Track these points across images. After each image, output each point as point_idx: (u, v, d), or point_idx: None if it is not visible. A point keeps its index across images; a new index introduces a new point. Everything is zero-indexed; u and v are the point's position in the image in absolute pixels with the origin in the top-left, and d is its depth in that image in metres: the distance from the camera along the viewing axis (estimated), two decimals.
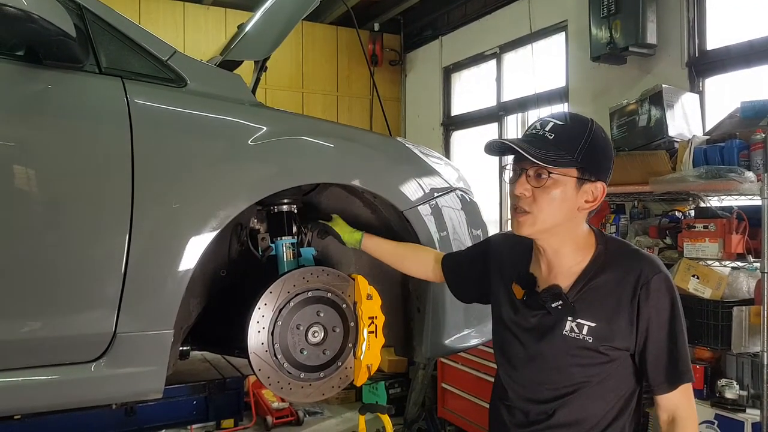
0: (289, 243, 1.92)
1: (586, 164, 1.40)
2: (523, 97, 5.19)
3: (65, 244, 1.51)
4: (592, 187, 1.42)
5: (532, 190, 1.41)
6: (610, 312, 1.41)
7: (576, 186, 1.41)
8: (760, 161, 2.83)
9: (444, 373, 4.62)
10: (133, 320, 1.56)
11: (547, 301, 1.45)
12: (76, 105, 1.56)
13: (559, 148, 1.38)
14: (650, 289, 1.40)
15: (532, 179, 1.41)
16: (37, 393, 1.53)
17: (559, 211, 1.41)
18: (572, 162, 1.39)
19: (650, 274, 1.40)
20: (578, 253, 1.47)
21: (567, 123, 1.43)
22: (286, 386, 1.81)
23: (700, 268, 2.98)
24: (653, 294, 1.40)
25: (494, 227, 5.41)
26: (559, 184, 1.39)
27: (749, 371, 2.96)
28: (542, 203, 1.40)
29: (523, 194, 1.41)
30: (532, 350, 1.49)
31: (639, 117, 3.50)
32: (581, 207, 1.43)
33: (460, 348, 2.13)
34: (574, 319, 1.43)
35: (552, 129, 1.41)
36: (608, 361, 1.43)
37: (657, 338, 1.41)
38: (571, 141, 1.40)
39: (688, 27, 3.79)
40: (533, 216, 1.41)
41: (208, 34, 5.79)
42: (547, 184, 1.39)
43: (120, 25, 1.66)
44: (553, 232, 1.45)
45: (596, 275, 1.44)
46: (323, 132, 1.91)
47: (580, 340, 1.42)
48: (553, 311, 1.45)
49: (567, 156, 1.38)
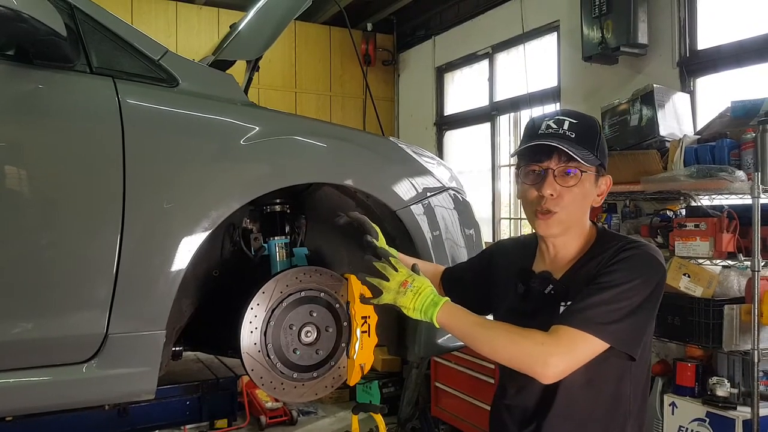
0: (282, 243, 1.92)
1: (602, 159, 1.46)
2: (516, 97, 5.20)
3: (56, 245, 1.51)
4: (604, 181, 1.49)
5: (560, 189, 1.42)
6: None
7: (594, 181, 1.46)
8: (751, 160, 2.85)
9: (437, 372, 4.63)
10: (124, 321, 1.55)
11: (539, 287, 1.47)
12: (66, 105, 1.55)
13: (583, 146, 1.41)
14: (623, 251, 1.39)
15: (559, 178, 1.42)
16: (29, 394, 1.53)
17: (581, 207, 1.47)
18: (595, 159, 1.43)
19: (624, 245, 1.41)
20: (583, 244, 1.50)
21: (581, 121, 1.46)
22: (279, 386, 1.81)
23: (691, 266, 3.00)
24: (612, 255, 1.39)
25: (487, 226, 5.42)
26: (584, 181, 1.43)
27: (740, 369, 2.98)
28: (569, 201, 1.43)
29: (550, 194, 1.42)
30: None
31: (630, 116, 3.52)
32: (594, 201, 1.48)
33: (453, 347, 2.13)
34: (566, 303, 1.43)
35: (570, 128, 1.43)
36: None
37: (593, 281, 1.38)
38: (590, 138, 1.44)
39: (679, 27, 3.81)
40: (560, 215, 1.43)
41: (201, 33, 5.78)
42: (570, 183, 1.42)
43: (111, 25, 1.65)
44: (572, 228, 1.48)
45: (589, 260, 1.46)
46: (316, 132, 1.91)
47: None
48: (546, 298, 1.46)
49: (590, 153, 1.42)
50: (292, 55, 6.25)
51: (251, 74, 2.17)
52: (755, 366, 2.74)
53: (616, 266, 1.38)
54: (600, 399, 1.44)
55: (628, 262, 1.38)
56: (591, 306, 1.35)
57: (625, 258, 1.39)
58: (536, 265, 1.57)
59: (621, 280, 1.36)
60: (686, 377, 3.05)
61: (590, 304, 1.35)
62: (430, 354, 2.16)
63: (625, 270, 1.37)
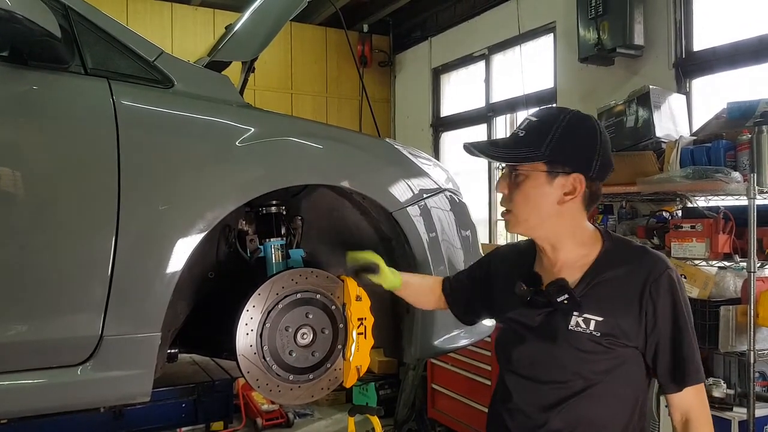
0: (278, 244, 1.92)
1: (555, 156, 1.40)
2: (512, 98, 5.20)
3: (51, 247, 1.50)
4: (569, 180, 1.41)
5: (509, 188, 1.45)
6: (618, 307, 1.39)
7: (548, 180, 1.41)
8: (746, 161, 2.85)
9: (434, 374, 4.62)
10: (119, 323, 1.54)
11: (553, 295, 1.41)
12: (61, 106, 1.54)
13: (527, 145, 1.41)
14: (659, 286, 1.38)
15: (513, 178, 1.44)
16: (24, 397, 1.52)
17: (537, 207, 1.43)
18: (538, 156, 1.40)
19: (660, 271, 1.39)
20: (581, 248, 1.46)
21: (540, 118, 1.45)
22: (275, 388, 1.80)
23: (687, 267, 3.00)
24: (662, 291, 1.38)
25: (483, 228, 5.43)
26: (529, 179, 1.42)
27: (736, 370, 2.99)
28: (517, 200, 1.44)
29: (503, 192, 1.46)
30: (538, 348, 1.46)
31: (626, 118, 3.52)
32: (561, 200, 1.41)
33: (449, 348, 2.13)
34: (581, 314, 1.40)
35: (525, 126, 1.45)
36: (615, 358, 1.39)
37: (663, 336, 1.38)
38: (539, 135, 1.41)
39: (675, 28, 3.82)
40: (514, 214, 1.45)
41: (196, 35, 5.76)
42: (518, 181, 1.43)
43: (106, 26, 1.65)
44: (544, 228, 1.46)
45: (605, 270, 1.43)
46: (312, 133, 1.90)
47: (586, 335, 1.38)
48: (559, 306, 1.41)
49: (532, 150, 1.40)
50: (287, 57, 6.24)
51: (247, 75, 2.17)
52: (751, 367, 2.74)
53: (673, 311, 1.39)
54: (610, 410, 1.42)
55: (679, 298, 1.40)
56: (690, 358, 1.40)
57: (675, 290, 1.40)
58: (537, 268, 1.54)
59: (685, 325, 1.40)
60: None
61: (689, 356, 1.40)
62: (426, 356, 2.15)
63: (682, 302, 1.40)
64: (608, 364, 1.39)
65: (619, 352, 1.39)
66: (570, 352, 1.40)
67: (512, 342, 1.52)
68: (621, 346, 1.39)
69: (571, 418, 1.41)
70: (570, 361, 1.41)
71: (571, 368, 1.41)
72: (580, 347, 1.39)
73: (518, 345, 1.50)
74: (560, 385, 1.42)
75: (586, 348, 1.39)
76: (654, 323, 1.38)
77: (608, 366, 1.39)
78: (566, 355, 1.41)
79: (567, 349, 1.41)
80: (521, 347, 1.49)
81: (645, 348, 1.40)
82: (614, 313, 1.39)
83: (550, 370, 1.44)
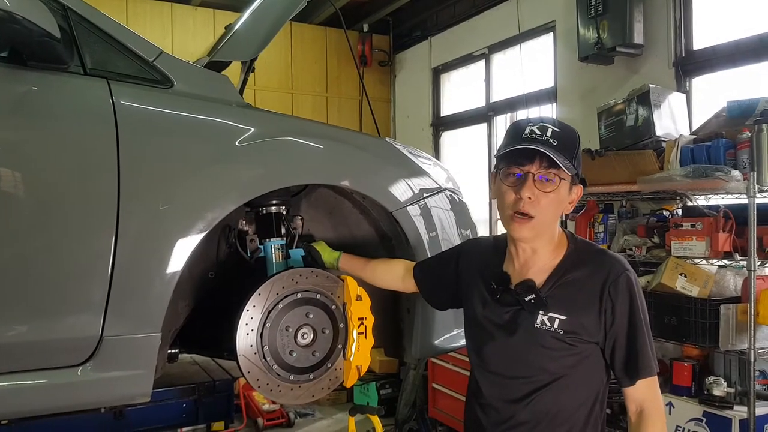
0: (278, 244, 1.92)
1: (578, 169, 1.50)
2: (512, 98, 5.20)
3: (51, 247, 1.50)
4: (575, 190, 1.52)
5: (538, 193, 1.45)
6: (580, 306, 1.48)
7: (568, 188, 1.50)
8: (746, 160, 2.85)
9: (435, 373, 4.62)
10: (120, 323, 1.54)
11: (521, 294, 1.50)
12: (60, 106, 1.54)
13: (563, 155, 1.44)
14: (617, 286, 1.47)
15: (538, 183, 1.45)
16: (24, 398, 1.52)
17: (555, 213, 1.50)
18: (572, 168, 1.46)
19: (618, 273, 1.48)
20: (553, 251, 1.54)
21: (563, 130, 1.48)
22: (275, 388, 1.80)
23: (687, 266, 3.00)
24: (620, 291, 1.47)
25: (483, 227, 5.42)
26: (561, 188, 1.47)
27: (737, 368, 2.99)
28: (545, 206, 1.46)
29: (528, 197, 1.45)
30: (506, 344, 1.53)
31: (626, 117, 3.52)
32: (566, 209, 1.53)
33: (450, 348, 2.13)
34: (546, 313, 1.48)
35: (553, 135, 1.46)
36: (577, 354, 1.48)
37: (620, 333, 1.48)
38: (570, 147, 1.47)
39: (674, 27, 3.82)
40: (536, 219, 1.47)
41: (196, 35, 5.76)
42: (552, 188, 1.45)
43: (105, 26, 1.65)
44: (547, 233, 1.52)
45: (568, 272, 1.51)
46: (312, 133, 1.91)
47: (551, 332, 1.47)
48: (526, 305, 1.50)
49: (569, 162, 1.45)
50: (287, 56, 6.24)
51: (246, 75, 2.17)
52: (751, 365, 2.74)
53: (628, 309, 1.47)
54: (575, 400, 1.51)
55: (634, 298, 1.48)
56: (643, 353, 1.47)
57: (632, 290, 1.47)
58: (506, 267, 1.60)
59: (639, 323, 1.47)
60: (683, 377, 3.05)
61: (642, 351, 1.47)
62: (427, 355, 2.15)
63: (638, 302, 1.48)
64: (571, 360, 1.49)
65: (581, 348, 1.48)
66: (535, 348, 1.49)
67: (481, 339, 1.60)
68: (583, 342, 1.48)
69: (538, 411, 1.50)
70: (535, 357, 1.50)
71: (537, 364, 1.50)
72: (545, 344, 1.48)
73: (487, 342, 1.58)
74: (526, 380, 1.51)
75: (550, 345, 1.48)
76: (612, 320, 1.47)
77: (571, 361, 1.49)
78: (532, 351, 1.50)
79: (533, 346, 1.50)
80: (490, 344, 1.57)
81: (604, 344, 1.50)
82: (577, 311, 1.48)
83: (516, 365, 1.53)
